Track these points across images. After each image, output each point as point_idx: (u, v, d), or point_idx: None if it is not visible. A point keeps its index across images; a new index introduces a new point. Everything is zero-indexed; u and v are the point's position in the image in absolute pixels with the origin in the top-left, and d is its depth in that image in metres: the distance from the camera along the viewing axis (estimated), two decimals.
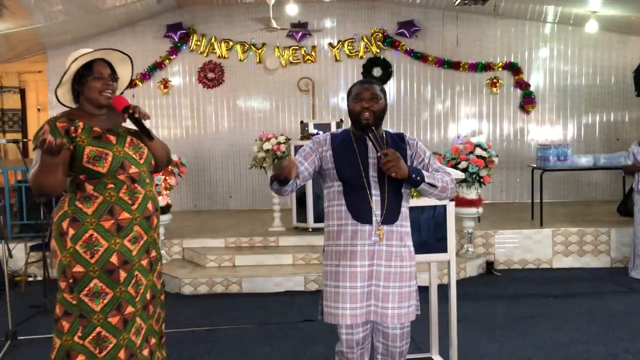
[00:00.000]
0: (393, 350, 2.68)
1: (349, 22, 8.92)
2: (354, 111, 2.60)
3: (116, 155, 2.43)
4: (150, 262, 2.57)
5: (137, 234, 2.48)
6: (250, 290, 5.65)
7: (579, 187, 8.91)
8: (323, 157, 2.61)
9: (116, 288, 2.42)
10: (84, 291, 2.41)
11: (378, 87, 2.61)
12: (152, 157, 2.59)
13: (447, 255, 3.46)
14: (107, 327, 2.40)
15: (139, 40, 8.76)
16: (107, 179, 2.42)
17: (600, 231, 6.41)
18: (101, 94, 2.50)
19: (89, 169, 2.40)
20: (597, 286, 5.69)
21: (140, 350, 2.50)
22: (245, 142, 8.75)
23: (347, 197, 2.56)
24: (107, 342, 2.40)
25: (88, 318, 2.40)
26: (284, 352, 4.07)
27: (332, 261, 2.61)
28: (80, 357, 2.39)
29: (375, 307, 2.56)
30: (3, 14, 6.52)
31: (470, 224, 6.20)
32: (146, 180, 2.52)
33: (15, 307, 4.50)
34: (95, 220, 2.40)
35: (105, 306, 2.40)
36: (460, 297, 3.92)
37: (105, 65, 2.57)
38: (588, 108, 8.89)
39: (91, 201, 2.41)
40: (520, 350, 4.00)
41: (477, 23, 8.79)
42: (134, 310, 2.47)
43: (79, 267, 2.41)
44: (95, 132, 2.45)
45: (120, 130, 2.55)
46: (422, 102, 8.94)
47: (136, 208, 2.46)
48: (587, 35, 8.45)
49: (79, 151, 2.40)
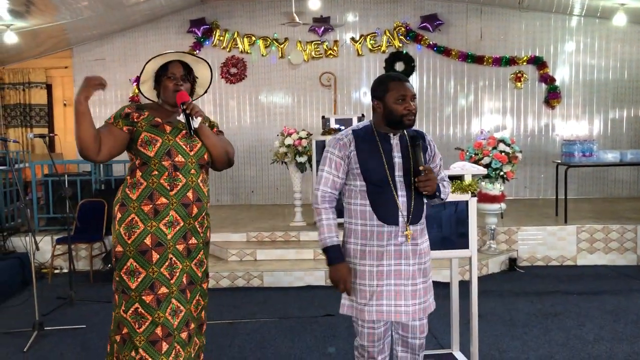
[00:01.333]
0: (413, 342, 2.68)
1: (372, 17, 8.88)
2: (396, 112, 2.48)
3: (165, 142, 2.63)
4: (188, 249, 2.69)
5: (172, 219, 2.63)
6: (271, 285, 5.69)
7: (604, 183, 8.76)
8: (348, 158, 2.55)
9: (149, 268, 2.60)
10: (122, 269, 2.62)
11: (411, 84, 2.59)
12: (204, 152, 2.72)
13: (468, 252, 3.43)
14: (142, 304, 2.59)
15: (163, 35, 8.85)
16: (153, 165, 2.62)
17: (626, 228, 6.30)
18: (173, 93, 2.69)
19: (141, 152, 2.63)
20: (622, 284, 5.59)
21: (179, 332, 2.64)
22: (267, 137, 8.79)
23: (372, 197, 2.50)
24: (144, 319, 2.60)
25: (127, 294, 2.62)
26: (305, 346, 4.09)
27: (357, 260, 2.57)
28: (125, 329, 2.62)
29: (407, 306, 2.53)
30: (31, 10, 6.64)
31: (493, 220, 6.14)
32: (191, 170, 2.67)
33: (41, 299, 4.61)
34: (137, 204, 2.62)
35: (140, 284, 2.59)
36: (482, 294, 3.90)
37: (179, 66, 2.73)
38: (615, 103, 8.72)
39: (137, 187, 2.63)
40: (543, 348, 3.96)
41: (502, 16, 8.68)
42: (168, 291, 2.62)
43: (120, 247, 2.63)
44: (155, 121, 2.68)
45: (179, 124, 2.71)
46: (445, 97, 8.87)
47: (174, 194, 2.62)
48: (615, 28, 8.28)
49: (136, 135, 2.64)
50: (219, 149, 2.77)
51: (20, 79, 9.12)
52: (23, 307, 5.13)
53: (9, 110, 9.20)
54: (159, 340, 2.59)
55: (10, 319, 4.86)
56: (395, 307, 2.53)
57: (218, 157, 2.77)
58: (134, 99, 8.86)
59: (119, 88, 9.05)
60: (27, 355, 4.04)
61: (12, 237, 6.49)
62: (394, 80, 2.53)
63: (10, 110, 9.19)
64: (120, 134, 2.64)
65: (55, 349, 4.15)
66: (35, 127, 9.15)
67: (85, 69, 9.02)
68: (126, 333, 2.62)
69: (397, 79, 2.54)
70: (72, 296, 5.19)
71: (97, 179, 7.13)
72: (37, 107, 9.19)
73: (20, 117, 9.16)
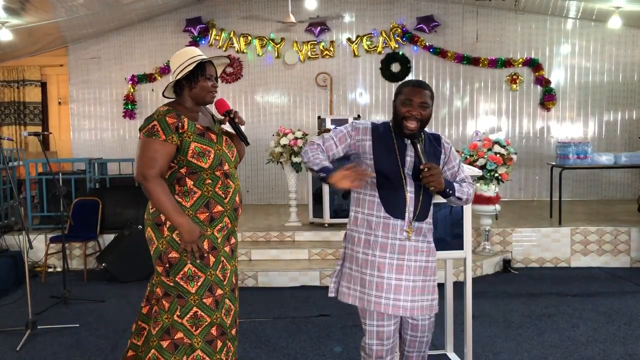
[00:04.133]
0: (421, 341, 2.72)
1: (368, 17, 8.89)
2: (399, 114, 2.54)
3: (217, 153, 2.65)
4: (232, 249, 2.76)
5: (224, 224, 2.69)
6: (266, 285, 5.68)
7: (598, 185, 8.80)
8: (361, 145, 2.60)
9: (207, 271, 2.63)
10: (179, 275, 2.61)
11: (429, 94, 2.55)
12: (238, 156, 2.82)
13: (463, 253, 3.44)
14: (202, 307, 2.63)
15: (159, 34, 8.83)
16: (205, 175, 2.62)
17: (620, 230, 6.33)
18: (209, 93, 2.70)
19: (193, 164, 2.59)
20: (616, 286, 5.61)
21: (230, 330, 2.73)
22: (262, 136, 8.78)
23: (381, 189, 2.56)
24: (203, 321, 2.63)
25: (185, 298, 2.62)
26: (300, 346, 4.09)
27: (360, 248, 2.60)
28: (179, 334, 2.63)
29: (405, 301, 2.55)
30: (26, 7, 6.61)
31: (488, 221, 6.16)
32: (235, 175, 2.75)
33: (35, 297, 4.59)
34: (192, 212, 2.61)
35: (200, 288, 2.62)
36: (476, 295, 3.91)
37: (213, 67, 2.76)
38: (610, 105, 8.76)
39: (190, 195, 2.61)
40: (537, 349, 3.97)
41: (498, 18, 8.71)
42: (223, 292, 2.68)
43: (174, 253, 2.60)
44: (198, 129, 2.64)
45: (216, 129, 2.74)
46: (441, 98, 8.88)
47: (228, 201, 2.68)
48: (610, 31, 8.33)
49: (185, 146, 2.58)
50: (243, 151, 2.89)
51: (15, 76, 9.08)
52: (16, 305, 5.10)
53: (3, 108, 9.15)
54: (214, 340, 2.66)
55: (3, 317, 4.83)
56: (393, 302, 2.54)
57: (242, 158, 2.89)
58: (128, 97, 8.84)
59: (114, 87, 9.02)
60: (20, 354, 4.02)
61: (5, 235, 6.45)
62: (408, 86, 2.58)
63: (5, 108, 9.14)
64: (173, 149, 2.56)
65: (49, 347, 4.13)
66: (29, 125, 9.11)
67: (80, 67, 8.99)
68: (180, 338, 2.61)
69: (412, 84, 2.58)
70: (66, 295, 5.17)
71: (91, 178, 7.11)
72: (32, 105, 9.14)
73: (14, 115, 9.11)
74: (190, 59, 2.65)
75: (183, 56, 2.68)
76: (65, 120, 9.24)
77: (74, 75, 9.05)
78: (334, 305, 4.99)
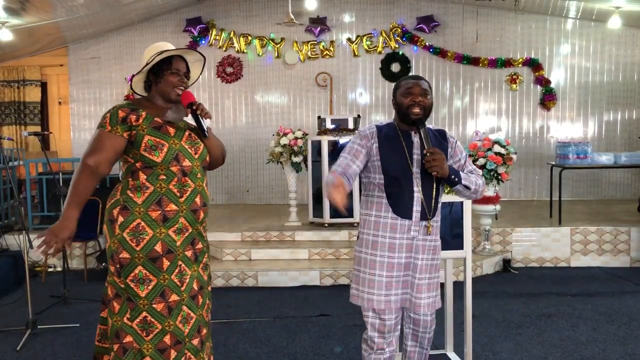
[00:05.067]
0: (422, 336, 2.75)
1: (368, 17, 8.89)
2: (403, 105, 2.60)
3: (172, 147, 2.52)
4: (195, 254, 2.62)
5: (182, 226, 2.54)
6: (266, 284, 5.69)
7: (598, 185, 8.80)
8: (370, 150, 2.63)
9: (160, 275, 2.51)
10: (129, 276, 2.50)
11: (427, 84, 2.64)
12: (206, 154, 2.66)
13: (463, 252, 3.45)
14: (152, 313, 2.50)
15: (159, 34, 8.83)
16: (160, 170, 2.50)
17: (619, 230, 6.33)
18: (174, 89, 2.60)
19: (146, 157, 2.49)
20: (616, 286, 5.61)
21: (190, 339, 2.56)
22: (262, 136, 8.79)
23: (388, 191, 2.59)
24: (153, 327, 2.50)
25: (135, 302, 2.50)
26: (299, 346, 4.09)
27: (367, 249, 2.64)
28: (129, 337, 2.50)
29: (410, 295, 2.63)
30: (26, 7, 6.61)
31: (488, 221, 6.16)
32: (197, 174, 2.59)
33: (35, 297, 4.58)
34: (144, 209, 2.49)
35: (150, 292, 2.49)
36: (476, 295, 3.91)
37: (182, 62, 2.68)
38: (610, 105, 8.76)
39: (142, 191, 2.51)
40: (536, 349, 3.97)
41: (498, 18, 8.71)
42: (179, 298, 2.54)
43: (125, 253, 2.49)
44: (156, 122, 2.54)
45: (180, 124, 2.62)
46: (441, 98, 8.89)
47: (184, 200, 2.54)
48: (610, 31, 8.33)
49: (139, 139, 2.49)
50: (218, 149, 2.73)
51: (15, 76, 9.08)
52: (16, 305, 5.10)
53: (3, 108, 9.15)
54: (167, 349, 2.51)
55: (4, 317, 4.84)
56: (402, 296, 2.62)
57: (217, 157, 2.74)
58: (129, 97, 8.84)
59: (114, 87, 9.03)
60: (21, 353, 4.03)
61: (5, 235, 6.46)
62: (406, 79, 2.66)
63: (5, 108, 9.15)
64: (120, 141, 2.49)
65: (49, 347, 4.13)
66: (29, 125, 9.11)
67: (80, 67, 8.99)
68: (129, 342, 2.50)
69: (409, 77, 2.68)
70: (66, 295, 5.17)
71: None
72: (32, 105, 9.15)
73: (14, 115, 9.12)
74: (156, 53, 2.59)
75: (152, 50, 2.63)
76: (65, 120, 9.24)
77: (74, 75, 9.05)
78: (334, 305, 4.99)
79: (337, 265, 5.83)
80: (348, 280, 5.66)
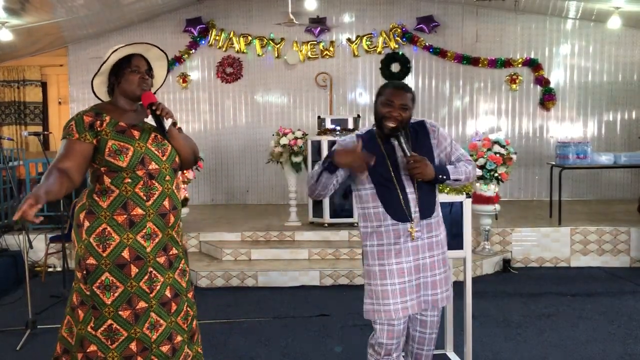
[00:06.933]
0: (429, 337, 2.75)
1: (368, 18, 8.89)
2: (379, 114, 2.57)
3: (137, 150, 2.44)
4: (170, 260, 2.54)
5: (150, 231, 2.47)
6: (266, 284, 5.69)
7: (598, 185, 8.80)
8: None
9: (127, 282, 2.43)
10: (96, 283, 2.42)
11: (410, 96, 2.56)
12: (176, 154, 2.58)
13: (463, 252, 3.45)
14: (118, 320, 2.42)
15: (159, 34, 8.82)
16: (125, 173, 2.43)
17: (619, 230, 6.33)
18: (137, 87, 2.53)
19: (110, 162, 2.42)
20: (615, 286, 5.62)
21: (157, 346, 2.49)
22: (262, 136, 8.79)
23: (383, 199, 2.56)
24: (119, 335, 2.42)
25: (100, 310, 2.42)
26: (299, 345, 4.09)
27: (375, 261, 2.61)
28: (93, 347, 2.42)
29: (425, 296, 2.61)
30: (26, 7, 6.61)
31: (488, 221, 6.16)
32: (166, 177, 2.51)
33: (35, 297, 4.59)
34: (109, 214, 2.42)
35: (116, 300, 2.42)
36: (476, 295, 3.91)
37: (142, 60, 2.59)
38: (609, 105, 8.76)
39: (107, 195, 2.43)
40: (536, 349, 3.97)
41: (497, 18, 8.71)
42: (147, 305, 2.47)
43: (92, 259, 2.42)
44: (120, 126, 2.47)
45: (145, 126, 2.55)
46: (441, 98, 8.89)
47: (151, 204, 2.46)
48: (610, 31, 8.33)
49: (102, 144, 2.43)
50: (188, 149, 2.64)
51: (15, 76, 9.08)
52: (16, 305, 5.11)
53: (3, 108, 9.15)
54: (133, 356, 2.44)
55: (3, 317, 4.84)
56: (417, 300, 2.60)
57: (187, 158, 2.64)
58: None
59: None
60: (20, 353, 4.03)
61: (5, 235, 6.46)
62: (389, 87, 2.60)
63: (5, 108, 9.14)
64: (88, 148, 2.42)
65: (49, 347, 4.10)
66: (29, 125, 9.11)
67: (80, 67, 8.99)
68: (93, 351, 2.41)
69: (394, 86, 2.60)
70: (66, 294, 5.14)
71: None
72: (32, 105, 9.15)
73: (14, 115, 9.11)
74: (110, 52, 2.51)
75: (108, 52, 2.54)
76: (65, 120, 9.20)
77: (74, 75, 9.05)
78: (333, 305, 4.99)
79: (337, 265, 5.83)
80: (348, 280, 5.66)
